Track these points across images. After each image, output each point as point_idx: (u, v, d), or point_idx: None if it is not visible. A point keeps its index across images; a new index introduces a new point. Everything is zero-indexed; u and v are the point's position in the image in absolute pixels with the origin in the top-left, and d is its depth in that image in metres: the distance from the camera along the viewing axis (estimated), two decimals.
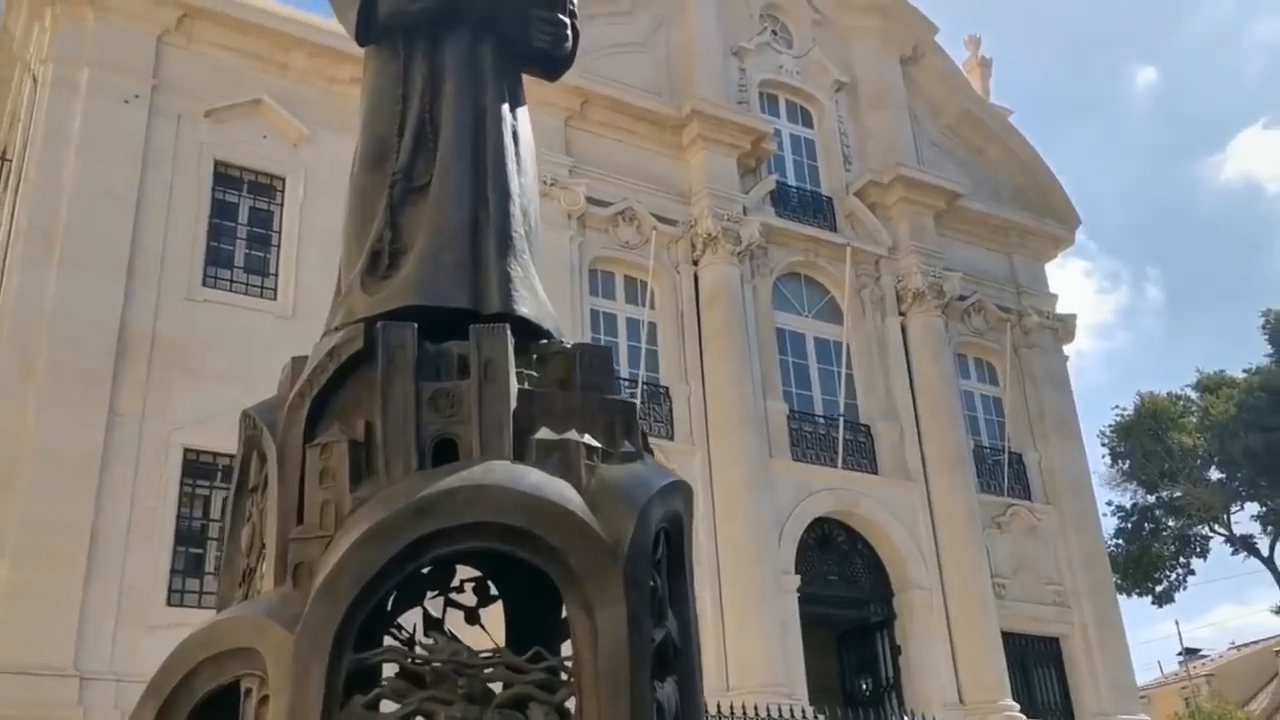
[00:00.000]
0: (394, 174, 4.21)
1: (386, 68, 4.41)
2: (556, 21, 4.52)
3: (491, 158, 4.29)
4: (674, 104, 21.70)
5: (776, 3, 24.97)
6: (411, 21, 4.33)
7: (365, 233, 4.20)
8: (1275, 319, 34.06)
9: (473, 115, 4.32)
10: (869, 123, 24.62)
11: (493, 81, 4.43)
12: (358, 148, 4.41)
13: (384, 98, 4.37)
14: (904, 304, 23.12)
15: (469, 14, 4.37)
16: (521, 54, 4.59)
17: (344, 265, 4.31)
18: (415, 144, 4.25)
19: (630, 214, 20.71)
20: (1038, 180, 26.43)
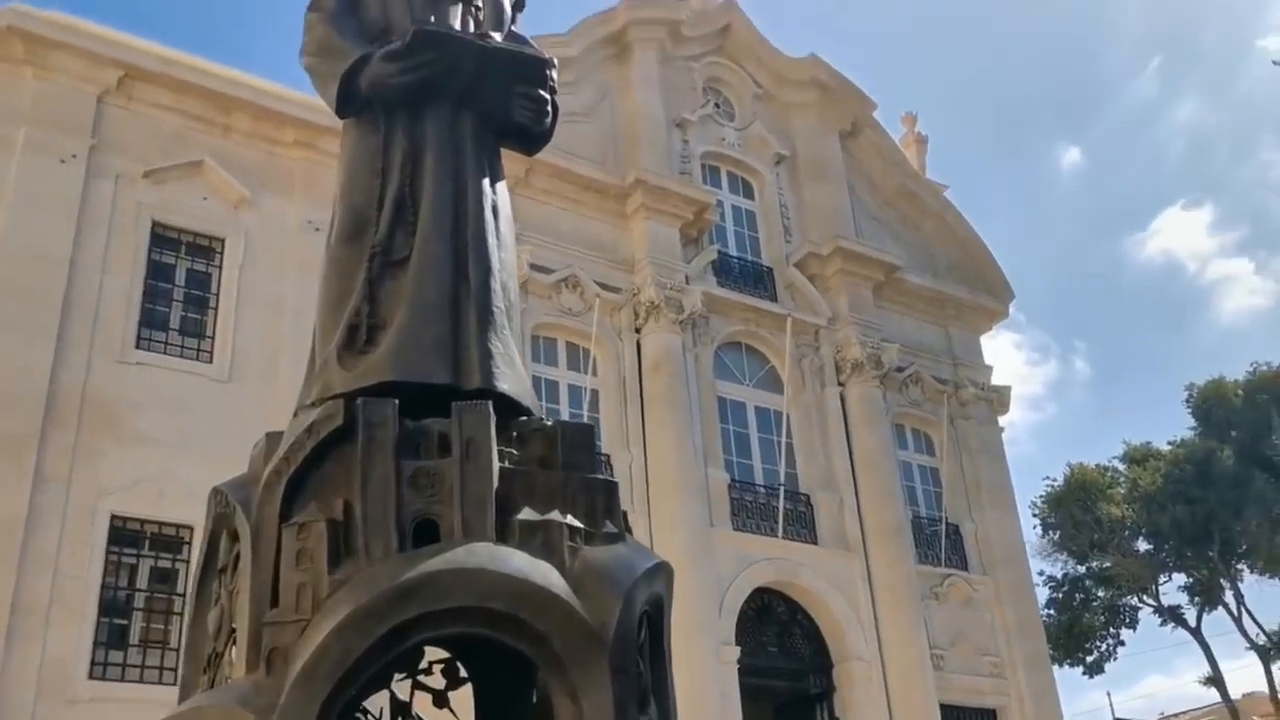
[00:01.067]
0: (373, 247, 4.17)
1: (365, 140, 4.38)
2: (538, 98, 4.54)
3: (472, 232, 4.27)
4: (618, 173, 21.89)
5: (719, 77, 25.40)
6: (393, 95, 4.31)
7: (342, 306, 4.13)
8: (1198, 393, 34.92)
9: (453, 189, 4.30)
10: (809, 195, 25.02)
11: (473, 155, 4.43)
12: (335, 220, 4.36)
13: (363, 170, 4.34)
14: (843, 374, 23.34)
15: (451, 88, 4.37)
16: (501, 129, 4.59)
17: (319, 339, 4.24)
18: (394, 217, 4.21)
19: (573, 281, 20.75)
20: (973, 254, 26.96)
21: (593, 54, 22.99)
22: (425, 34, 4.27)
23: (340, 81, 4.30)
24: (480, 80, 4.39)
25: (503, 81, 4.45)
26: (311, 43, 4.52)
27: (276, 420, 14.79)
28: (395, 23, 4.59)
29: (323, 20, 4.53)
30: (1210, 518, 31.65)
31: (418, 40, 4.23)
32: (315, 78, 4.48)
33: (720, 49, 25.46)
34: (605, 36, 23.44)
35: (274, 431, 4.00)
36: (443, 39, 4.33)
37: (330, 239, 4.35)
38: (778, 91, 25.85)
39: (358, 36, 4.48)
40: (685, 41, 24.70)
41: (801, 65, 25.85)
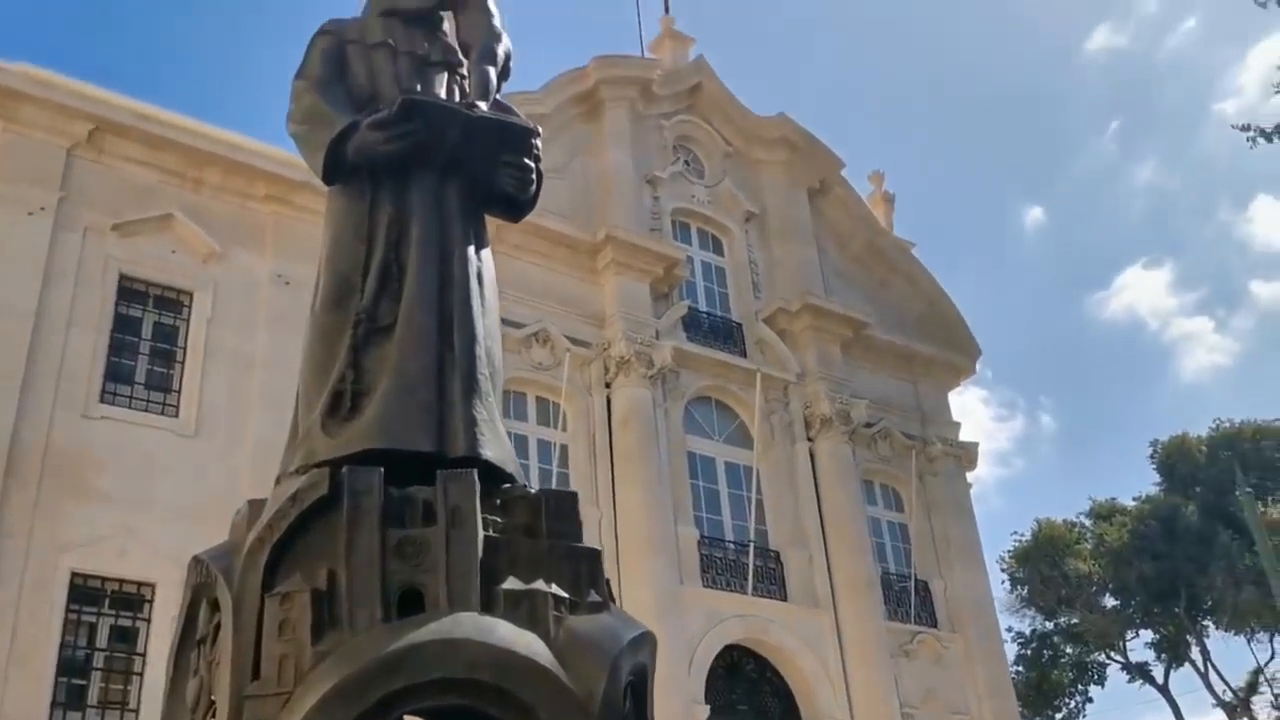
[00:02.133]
0: (358, 314, 4.18)
1: (351, 207, 4.41)
2: (523, 166, 4.58)
3: (457, 299, 4.29)
4: (589, 229, 22.02)
5: (689, 135, 25.68)
6: (380, 162, 4.35)
7: (326, 373, 4.13)
8: (1162, 449, 35.32)
9: (438, 256, 4.33)
10: (778, 252, 25.24)
11: (458, 223, 4.46)
12: (319, 286, 4.37)
13: (348, 236, 4.36)
14: (812, 430, 23.41)
15: (437, 156, 4.41)
16: (486, 196, 4.63)
17: (302, 405, 4.23)
18: (380, 284, 4.23)
19: (544, 336, 20.77)
20: (940, 311, 27.23)
21: (564, 111, 23.21)
22: (412, 102, 4.32)
23: (327, 149, 4.33)
24: (466, 149, 4.43)
25: (488, 150, 4.49)
26: (299, 110, 4.55)
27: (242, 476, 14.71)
28: (382, 91, 4.63)
29: (310, 88, 4.56)
30: (1176, 574, 31.88)
31: (405, 108, 4.28)
32: (302, 145, 4.50)
33: (690, 107, 25.77)
34: (577, 94, 23.68)
35: (256, 499, 3.98)
36: (429, 107, 4.38)
37: (315, 305, 4.36)
38: (747, 149, 26.16)
39: (345, 104, 4.52)
40: (656, 100, 24.98)
41: (771, 124, 26.20)
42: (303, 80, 4.62)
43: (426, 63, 4.86)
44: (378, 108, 4.50)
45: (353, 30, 4.86)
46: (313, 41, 4.80)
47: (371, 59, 4.75)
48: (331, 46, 4.75)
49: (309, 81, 4.60)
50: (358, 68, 4.72)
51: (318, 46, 4.76)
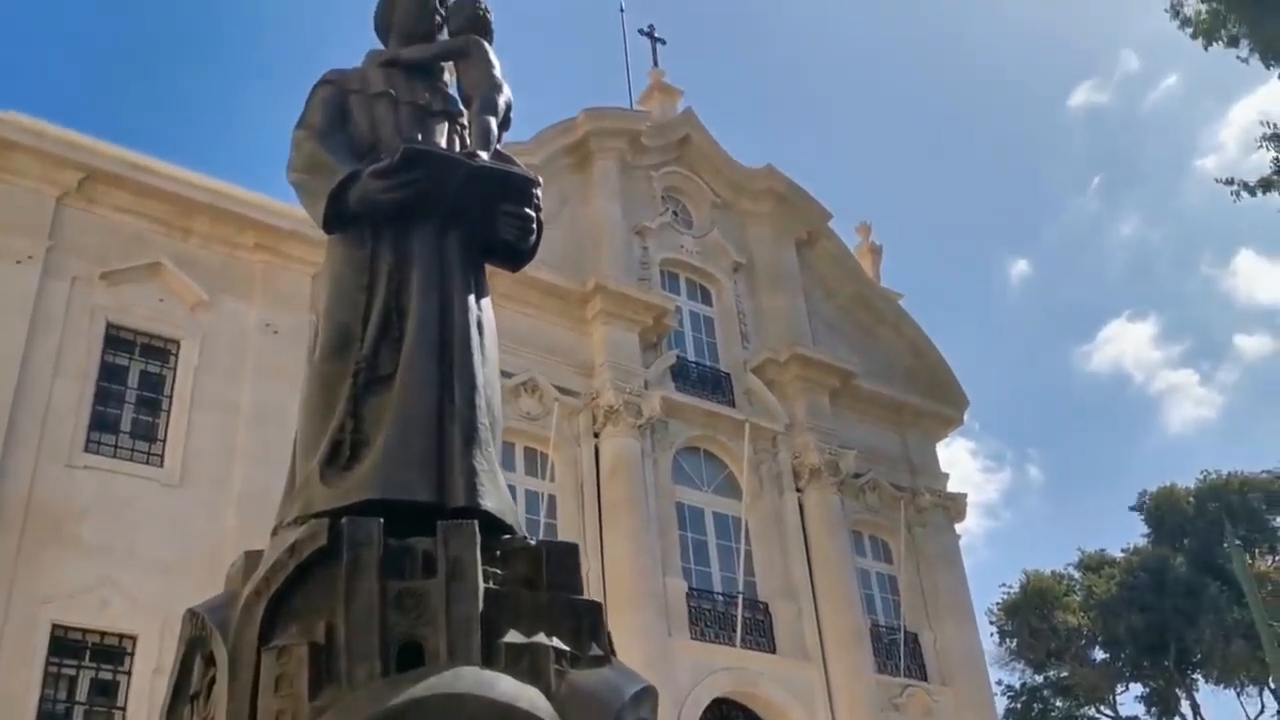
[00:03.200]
0: (358, 363, 4.16)
1: (352, 256, 4.40)
2: (524, 215, 4.58)
3: (457, 348, 4.27)
4: (578, 279, 22.06)
5: (678, 186, 25.84)
6: (381, 212, 4.34)
7: (325, 422, 4.10)
8: (1150, 500, 35.32)
9: (438, 305, 4.32)
10: (766, 302, 25.32)
11: (458, 272, 4.46)
12: (319, 335, 4.35)
13: (348, 285, 4.35)
14: (801, 480, 23.36)
15: (438, 206, 4.41)
16: (487, 246, 4.63)
17: (300, 455, 4.19)
18: (380, 333, 4.21)
19: (532, 385, 20.74)
20: (928, 362, 27.29)
21: (554, 162, 23.32)
22: (414, 152, 4.33)
23: (329, 198, 4.32)
24: (467, 198, 4.43)
25: (489, 199, 4.49)
26: (299, 159, 4.55)
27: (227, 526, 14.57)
28: (384, 140, 4.64)
29: (311, 137, 4.57)
30: (1165, 626, 31.74)
31: (406, 158, 4.28)
32: (303, 194, 4.49)
33: (679, 159, 25.95)
34: (566, 145, 23.83)
35: (253, 550, 3.92)
36: (431, 157, 4.39)
37: (314, 354, 4.33)
38: (735, 201, 26.32)
39: (346, 153, 4.53)
40: (645, 151, 25.16)
41: (758, 175, 26.38)
42: (304, 129, 4.63)
43: (428, 112, 4.88)
44: (379, 157, 4.51)
45: (354, 80, 4.88)
46: (314, 91, 4.82)
47: (373, 108, 4.76)
48: (333, 96, 4.76)
49: (310, 131, 4.60)
50: (359, 117, 4.74)
51: (319, 96, 4.77)
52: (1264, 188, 15.38)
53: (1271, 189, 15.33)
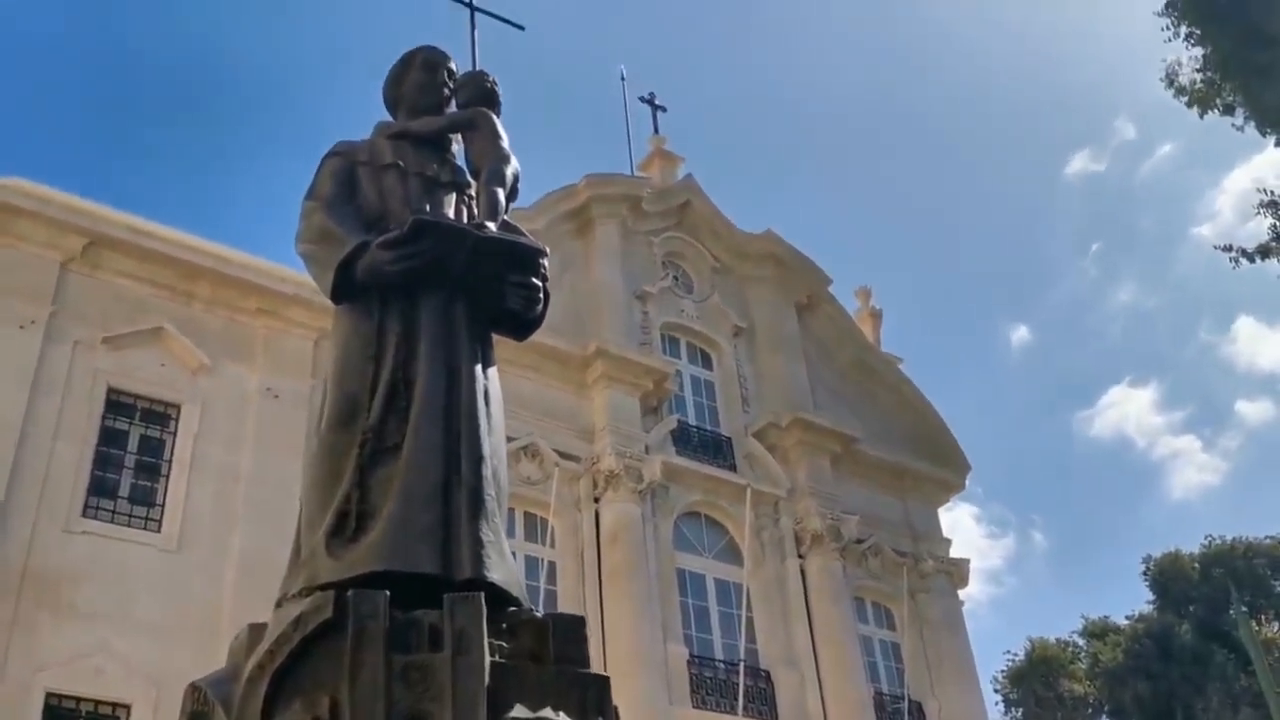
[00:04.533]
0: (364, 433, 4.16)
1: (359, 325, 4.41)
2: (531, 285, 4.61)
3: (464, 419, 4.27)
4: (579, 343, 22.10)
5: (678, 251, 26.00)
6: (389, 282, 4.37)
7: (331, 493, 4.09)
8: (1155, 566, 35.07)
9: (445, 376, 4.33)
10: (767, 367, 25.35)
11: (466, 341, 4.47)
12: (326, 404, 4.35)
13: (356, 355, 4.36)
14: (803, 546, 23.21)
15: (446, 276, 4.44)
16: (494, 315, 4.66)
17: (305, 526, 4.17)
18: (387, 403, 4.22)
19: (533, 450, 20.69)
20: (929, 426, 27.25)
21: (556, 227, 23.47)
22: (422, 223, 4.36)
23: (337, 268, 4.35)
24: (475, 268, 4.47)
25: (496, 270, 4.53)
26: (308, 230, 4.58)
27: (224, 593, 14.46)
28: (392, 210, 4.68)
29: (320, 208, 4.60)
30: (1172, 694, 31.38)
31: (415, 228, 4.32)
32: (312, 264, 4.53)
33: (679, 224, 26.13)
34: (568, 211, 24.01)
35: (257, 623, 3.89)
36: (440, 228, 4.42)
37: (320, 424, 4.33)
38: (735, 265, 26.46)
39: (355, 224, 4.56)
40: (646, 217, 25.34)
41: (758, 240, 26.55)
42: (313, 200, 4.67)
43: (436, 184, 4.93)
44: (388, 227, 4.55)
45: (363, 152, 4.93)
46: (323, 162, 4.87)
47: (382, 180, 4.81)
48: (341, 167, 4.82)
49: (319, 201, 4.64)
50: (368, 188, 4.78)
51: (328, 167, 4.82)
52: (1262, 254, 15.49)
53: (1270, 255, 15.43)
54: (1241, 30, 15.08)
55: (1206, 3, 15.23)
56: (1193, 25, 15.50)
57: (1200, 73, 15.72)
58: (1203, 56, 15.72)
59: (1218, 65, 15.44)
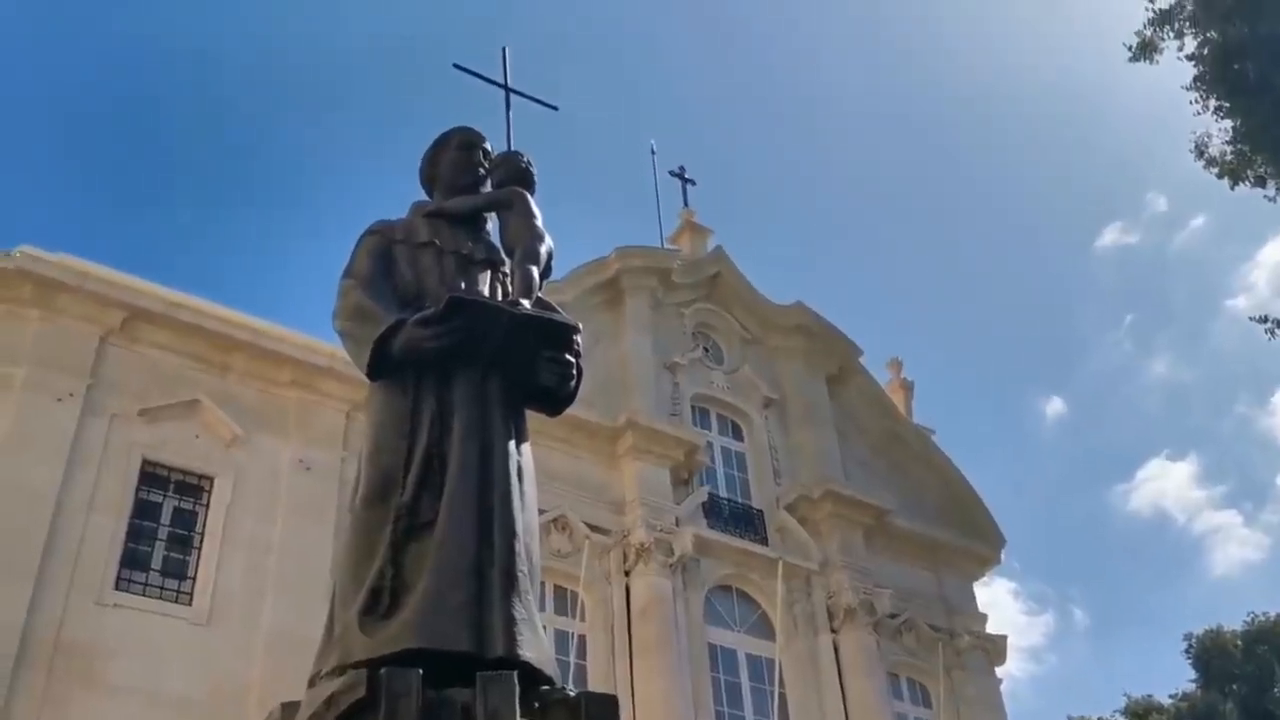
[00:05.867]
0: (398, 509, 4.19)
1: (394, 402, 4.46)
2: (564, 361, 4.66)
3: (498, 496, 4.29)
4: (609, 415, 22.11)
5: (708, 322, 26.09)
6: (425, 359, 4.42)
7: (364, 569, 4.10)
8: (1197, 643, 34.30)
9: (479, 452, 4.35)
10: (798, 438, 25.25)
11: (499, 418, 4.51)
12: (359, 481, 4.38)
13: (391, 432, 4.40)
14: (836, 621, 22.91)
15: (481, 353, 4.48)
16: (528, 391, 4.69)
17: (338, 603, 4.18)
18: (421, 480, 4.25)
19: (563, 522, 20.63)
20: (962, 499, 26.99)
21: (586, 300, 23.62)
22: (458, 301, 4.42)
23: (374, 345, 4.41)
24: (510, 345, 4.52)
25: (531, 346, 4.58)
26: (345, 308, 4.66)
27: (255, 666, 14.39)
28: (428, 288, 4.76)
29: (357, 286, 4.69)
30: None
31: (451, 307, 4.38)
32: (349, 341, 4.59)
33: (710, 296, 26.25)
34: (598, 283, 24.19)
35: (289, 701, 3.88)
36: (475, 305, 4.48)
37: (354, 500, 4.36)
38: (765, 337, 26.50)
39: (391, 301, 4.64)
40: (676, 288, 25.49)
41: (788, 312, 26.61)
42: (350, 278, 4.75)
43: (471, 261, 5.00)
44: (424, 305, 4.62)
45: (399, 230, 5.02)
46: (360, 240, 4.96)
47: (418, 258, 4.89)
48: (378, 245, 4.90)
49: (356, 279, 4.73)
50: (404, 266, 4.87)
51: (365, 245, 4.92)
52: None
53: None
54: (1271, 102, 15.12)
55: (1235, 76, 15.30)
56: (1222, 98, 15.57)
57: (1231, 145, 15.75)
58: (1233, 129, 15.77)
59: (1248, 137, 15.47)
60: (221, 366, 18.73)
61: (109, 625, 15.99)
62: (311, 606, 16.45)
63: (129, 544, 16.88)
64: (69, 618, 15.72)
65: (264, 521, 17.78)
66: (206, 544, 17.44)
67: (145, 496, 17.39)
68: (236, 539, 17.50)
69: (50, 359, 17.18)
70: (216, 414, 18.24)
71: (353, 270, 4.81)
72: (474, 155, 5.40)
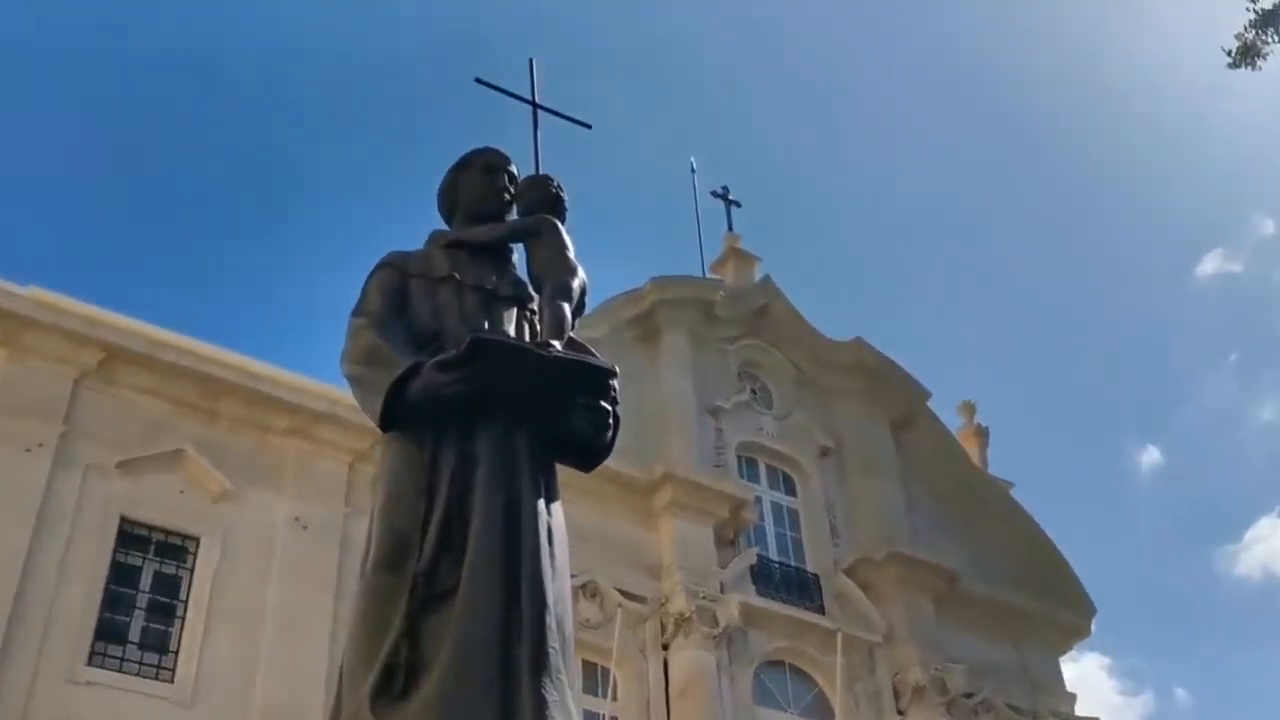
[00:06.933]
0: (415, 576, 4.21)
1: (410, 456, 4.49)
2: (599, 409, 4.68)
3: (525, 561, 4.31)
4: (645, 466, 22.11)
5: (756, 360, 26.12)
6: (445, 407, 4.45)
7: (377, 643, 4.12)
8: None
9: (505, 511, 4.38)
10: (858, 492, 25.17)
11: (527, 473, 4.53)
12: (372, 543, 4.42)
13: (407, 489, 4.43)
14: (903, 700, 22.75)
15: (507, 400, 4.51)
16: (558, 444, 4.72)
17: (346, 682, 4.20)
18: (440, 542, 4.27)
19: (592, 589, 20.60)
20: (1045, 562, 26.77)
21: (618, 335, 23.70)
22: (481, 342, 4.46)
23: (387, 393, 4.44)
24: (539, 392, 4.54)
25: (562, 393, 4.60)
26: (356, 350, 4.70)
27: None
28: (448, 329, 4.80)
29: (368, 326, 4.73)
30: None
31: (473, 349, 4.41)
32: (359, 387, 4.63)
33: (757, 331, 26.31)
34: (632, 317, 24.32)
35: None
36: (500, 347, 4.52)
37: (365, 566, 4.39)
38: (821, 377, 26.49)
39: (406, 343, 4.68)
40: (719, 323, 25.56)
41: (846, 349, 26.62)
42: (361, 317, 4.80)
43: (496, 298, 5.04)
44: (443, 347, 4.65)
45: (415, 262, 5.07)
46: (372, 274, 5.02)
47: (436, 294, 4.94)
48: (392, 280, 4.95)
49: (368, 318, 4.77)
50: (421, 303, 4.91)
51: (377, 280, 4.97)
52: None
53: None
54: None
55: None
56: None
57: None
58: None
59: None
60: (209, 413, 18.91)
61: (81, 705, 16.08)
62: (310, 684, 16.52)
63: (104, 613, 17.01)
64: (37, 697, 15.84)
65: (256, 587, 17.86)
66: (191, 613, 17.55)
67: (123, 559, 17.53)
68: (224, 607, 17.59)
69: (18, 404, 17.40)
70: (203, 466, 18.40)
71: (363, 308, 4.86)
72: (499, 179, 5.44)
